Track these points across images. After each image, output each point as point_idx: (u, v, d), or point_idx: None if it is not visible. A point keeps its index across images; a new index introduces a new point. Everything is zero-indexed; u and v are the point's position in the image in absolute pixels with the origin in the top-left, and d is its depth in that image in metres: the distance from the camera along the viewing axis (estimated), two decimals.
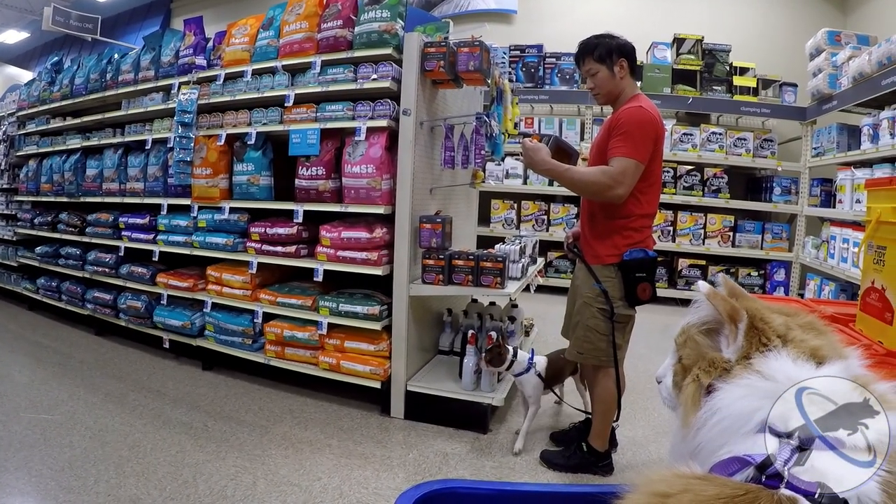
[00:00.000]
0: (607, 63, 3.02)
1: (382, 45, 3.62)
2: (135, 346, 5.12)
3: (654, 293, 2.97)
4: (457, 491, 1.25)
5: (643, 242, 2.99)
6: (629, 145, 2.81)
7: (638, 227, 2.98)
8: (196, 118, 4.45)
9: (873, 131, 5.90)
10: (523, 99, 8.25)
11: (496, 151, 4.11)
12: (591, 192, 2.97)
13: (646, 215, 3.00)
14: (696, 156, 7.94)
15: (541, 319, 5.54)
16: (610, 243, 3.01)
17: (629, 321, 3.08)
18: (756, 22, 8.89)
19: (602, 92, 3.09)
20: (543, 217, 8.50)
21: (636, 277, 2.93)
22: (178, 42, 4.85)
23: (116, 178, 5.27)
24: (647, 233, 3.03)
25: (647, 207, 2.99)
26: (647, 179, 2.94)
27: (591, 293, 3.03)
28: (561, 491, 1.29)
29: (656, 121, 2.89)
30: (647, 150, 2.85)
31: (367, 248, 3.68)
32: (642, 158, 2.83)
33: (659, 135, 2.91)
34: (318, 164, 3.87)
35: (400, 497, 1.19)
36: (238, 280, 4.30)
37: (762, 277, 7.97)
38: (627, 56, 3.02)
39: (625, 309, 3.00)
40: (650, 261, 2.97)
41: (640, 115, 2.85)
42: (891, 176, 2.79)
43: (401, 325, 3.68)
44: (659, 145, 2.94)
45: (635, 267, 2.93)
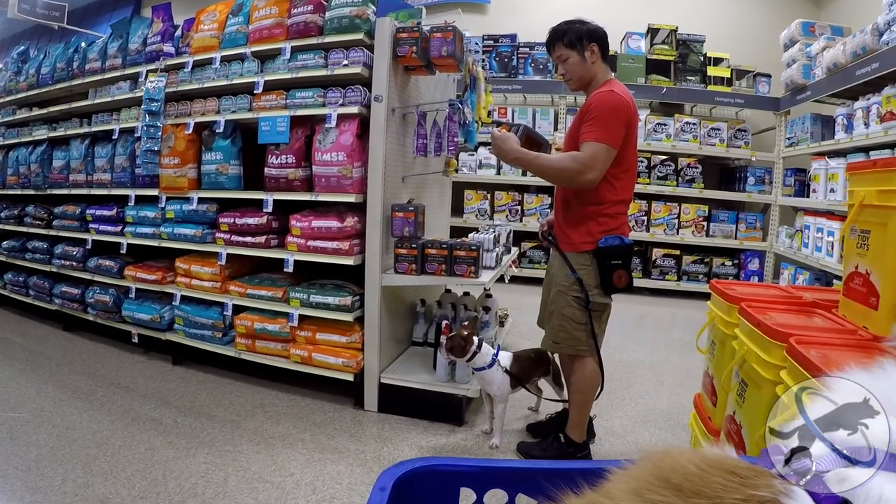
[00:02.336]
0: (577, 48, 2.97)
1: (354, 30, 3.55)
2: (104, 341, 5.01)
3: (630, 281, 2.93)
4: (438, 469, 1.23)
5: (619, 229, 2.94)
6: (599, 129, 2.77)
7: (612, 214, 2.93)
8: (164, 106, 4.34)
9: (847, 121, 5.93)
10: (497, 89, 8.20)
11: (469, 139, 4.05)
12: (561, 179, 2.94)
13: (620, 201, 2.96)
14: (670, 146, 7.97)
15: (515, 310, 5.51)
16: (584, 230, 2.95)
17: (605, 309, 3.04)
18: (730, 13, 8.94)
19: (573, 77, 3.04)
20: (517, 207, 8.49)
21: (611, 265, 2.89)
22: (145, 29, 4.73)
23: (83, 170, 5.14)
24: (623, 219, 2.99)
25: (622, 193, 2.95)
26: (621, 165, 2.89)
27: (566, 281, 2.98)
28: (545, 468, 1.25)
29: (628, 105, 2.84)
30: (619, 135, 2.80)
31: (339, 237, 3.62)
32: (613, 143, 2.79)
33: (631, 119, 2.86)
34: (288, 152, 3.79)
35: (381, 475, 1.17)
36: (207, 272, 4.21)
37: (736, 267, 8.02)
38: (598, 41, 2.98)
39: (600, 297, 2.95)
40: (626, 248, 2.92)
41: (611, 100, 2.81)
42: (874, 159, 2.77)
43: (373, 316, 3.62)
44: (632, 130, 2.88)
45: (611, 254, 2.89)
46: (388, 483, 1.16)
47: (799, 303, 2.44)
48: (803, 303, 2.43)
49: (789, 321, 2.10)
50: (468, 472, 1.23)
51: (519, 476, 1.23)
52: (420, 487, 1.23)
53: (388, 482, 1.16)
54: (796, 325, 1.99)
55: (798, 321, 2.14)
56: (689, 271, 8.03)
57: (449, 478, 1.23)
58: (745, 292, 2.61)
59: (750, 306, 2.22)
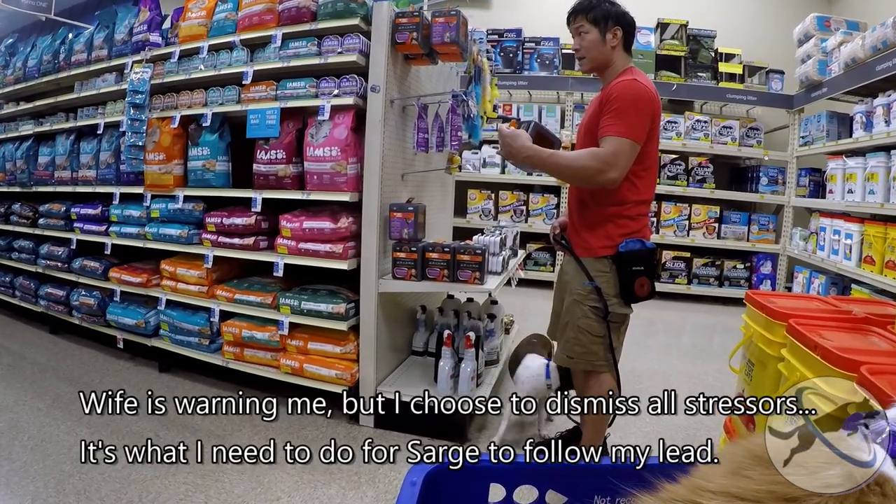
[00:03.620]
0: (601, 27, 2.69)
1: (349, 15, 3.30)
2: (90, 345, 4.81)
3: (652, 289, 2.65)
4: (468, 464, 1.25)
5: (640, 232, 2.68)
6: (623, 123, 2.49)
7: (633, 215, 2.67)
8: (149, 99, 4.11)
9: (867, 118, 5.71)
10: (502, 84, 7.97)
11: (474, 135, 3.82)
12: (580, 179, 2.65)
13: (642, 202, 2.70)
14: (681, 144, 7.73)
15: (520, 314, 5.29)
16: (603, 233, 2.68)
17: (625, 321, 2.76)
18: (742, 7, 8.70)
19: (588, 56, 2.75)
20: (522, 207, 8.27)
21: (633, 271, 2.60)
22: (132, 19, 4.50)
23: (68, 166, 4.92)
24: (644, 221, 2.72)
25: (644, 193, 2.68)
26: (643, 162, 2.62)
27: (583, 290, 2.70)
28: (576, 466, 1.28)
29: (653, 96, 2.57)
30: (643, 129, 2.53)
31: (332, 239, 3.37)
32: (637, 137, 2.51)
33: (656, 112, 2.59)
34: (278, 146, 3.55)
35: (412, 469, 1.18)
36: (193, 275, 3.97)
37: (748, 270, 7.80)
38: (624, 27, 2.71)
39: (620, 307, 2.66)
40: (648, 252, 2.64)
41: (635, 89, 2.53)
42: None
43: (369, 325, 3.37)
44: (656, 123, 2.62)
45: (632, 260, 2.60)
46: (419, 477, 1.17)
47: (850, 319, 2.19)
48: (855, 319, 2.18)
49: (852, 344, 1.85)
50: (498, 468, 1.26)
51: (550, 473, 1.26)
52: (450, 482, 1.25)
53: (419, 476, 1.17)
54: (862, 350, 1.73)
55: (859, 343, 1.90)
56: (699, 274, 7.80)
57: (478, 474, 1.25)
58: (789, 306, 2.35)
59: (800, 324, 1.96)
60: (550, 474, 1.26)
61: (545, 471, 1.26)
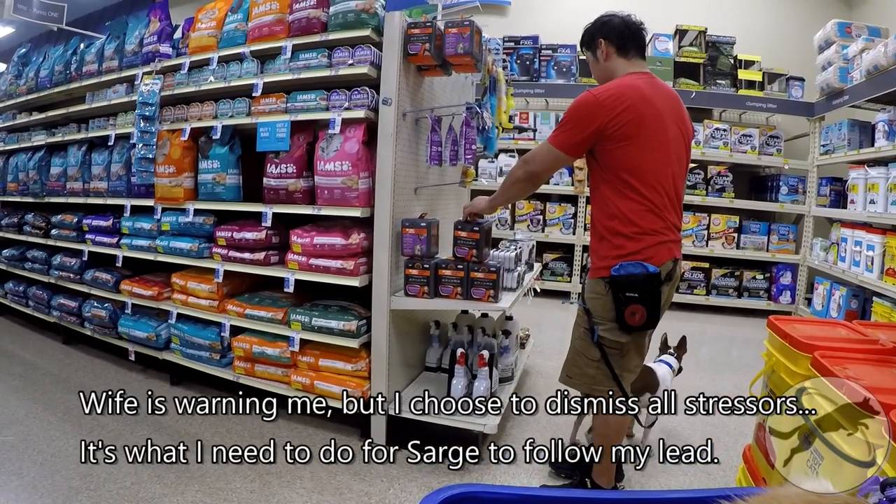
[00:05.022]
0: (591, 49, 2.74)
1: (360, 26, 3.23)
2: (102, 356, 4.78)
3: (650, 318, 2.45)
4: (478, 496, 1.23)
5: (641, 254, 2.47)
6: (555, 129, 2.59)
7: (631, 235, 2.48)
8: (159, 111, 4.07)
9: (889, 127, 5.60)
10: (518, 93, 7.89)
11: (489, 147, 3.74)
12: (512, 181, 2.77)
13: (642, 219, 2.49)
14: (700, 153, 7.60)
15: (537, 326, 5.19)
16: (601, 253, 2.57)
17: (622, 348, 2.58)
18: (761, 13, 8.57)
19: (598, 81, 2.72)
20: (539, 217, 8.17)
21: (626, 297, 2.43)
22: (143, 29, 4.46)
23: (80, 177, 4.90)
24: (649, 241, 2.48)
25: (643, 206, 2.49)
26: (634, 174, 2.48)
27: (580, 310, 2.65)
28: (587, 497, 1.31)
29: (597, 103, 2.44)
30: (573, 135, 2.50)
31: (343, 255, 3.30)
32: (558, 144, 2.54)
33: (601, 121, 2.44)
34: (289, 160, 3.48)
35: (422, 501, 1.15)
36: (204, 289, 3.92)
37: (767, 281, 7.68)
38: (607, 35, 2.68)
39: (612, 333, 2.53)
40: (645, 278, 2.42)
41: (577, 101, 2.52)
42: None
43: (381, 343, 3.29)
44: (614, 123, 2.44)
45: (625, 284, 2.43)
46: None
47: (878, 351, 2.08)
48: (883, 351, 2.07)
49: (880, 382, 1.74)
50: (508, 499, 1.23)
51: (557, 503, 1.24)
52: None
53: None
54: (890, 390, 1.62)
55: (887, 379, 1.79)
56: (718, 285, 7.69)
57: None
58: (813, 335, 2.24)
59: (825, 356, 1.87)
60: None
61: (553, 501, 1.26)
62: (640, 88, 2.50)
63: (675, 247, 2.59)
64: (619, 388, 2.59)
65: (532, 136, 8.09)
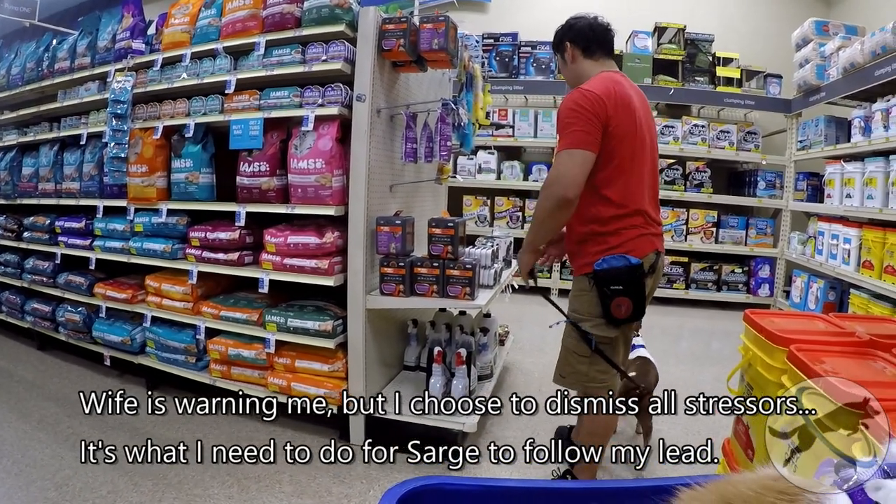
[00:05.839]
0: (560, 51, 2.75)
1: (334, 21, 3.18)
2: (78, 361, 4.68)
3: (636, 309, 2.49)
4: (443, 488, 1.24)
5: (622, 247, 2.51)
6: (562, 138, 2.44)
7: (612, 231, 2.52)
8: (131, 109, 3.97)
9: (865, 123, 5.65)
10: (497, 90, 7.89)
11: (465, 143, 3.71)
12: (548, 212, 2.50)
13: (622, 215, 2.53)
14: (678, 149, 7.67)
15: (517, 323, 5.17)
16: (584, 251, 2.59)
17: (612, 342, 2.61)
18: (740, 11, 8.63)
19: (568, 82, 2.74)
20: (518, 213, 8.18)
21: (611, 290, 2.46)
22: (115, 25, 4.36)
23: (52, 178, 4.78)
24: (629, 234, 2.53)
25: (621, 204, 2.52)
26: (610, 165, 2.49)
27: (569, 308, 2.65)
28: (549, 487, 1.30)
29: (594, 98, 2.42)
30: (586, 133, 2.40)
31: (317, 254, 3.25)
32: (577, 144, 2.40)
33: (604, 112, 2.42)
34: (262, 158, 3.43)
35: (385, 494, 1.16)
36: (178, 291, 3.85)
37: (746, 274, 7.78)
38: (573, 38, 2.68)
39: (599, 328, 2.54)
40: (629, 269, 2.46)
41: (572, 99, 2.45)
42: None
43: (357, 343, 3.25)
44: (615, 122, 2.45)
45: (609, 278, 2.47)
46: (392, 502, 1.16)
47: (855, 343, 2.07)
48: (859, 343, 2.06)
49: (857, 374, 1.74)
50: (472, 491, 1.25)
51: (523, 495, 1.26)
52: None
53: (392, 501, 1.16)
54: (867, 383, 1.62)
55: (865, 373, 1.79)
56: (697, 279, 7.75)
57: (453, 497, 1.25)
58: (790, 328, 2.23)
59: (801, 350, 1.86)
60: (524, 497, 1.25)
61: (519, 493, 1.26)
62: (622, 85, 2.53)
63: (656, 239, 2.62)
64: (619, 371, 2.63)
65: (511, 132, 8.09)
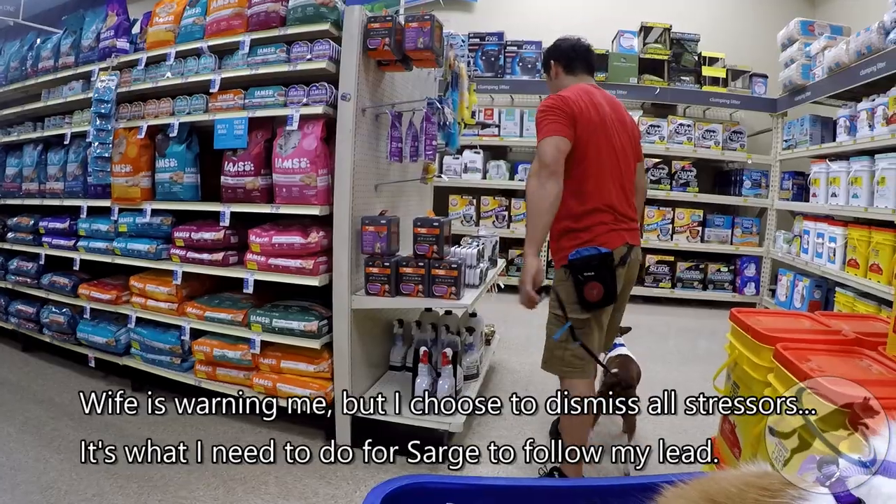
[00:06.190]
0: (546, 69, 3.10)
1: (319, 20, 3.17)
2: (62, 363, 4.63)
3: (607, 293, 2.67)
4: (426, 486, 1.25)
5: (593, 241, 2.74)
6: (539, 134, 2.69)
7: (584, 227, 2.76)
8: (115, 108, 3.95)
9: (850, 123, 5.69)
10: (483, 89, 7.89)
11: (451, 143, 3.70)
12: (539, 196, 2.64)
13: (591, 211, 2.76)
14: (664, 148, 7.69)
15: (503, 322, 5.16)
16: (561, 246, 2.83)
17: (584, 325, 2.77)
18: (725, 11, 8.67)
19: None
20: (504, 213, 8.17)
21: (584, 277, 2.67)
22: (100, 24, 4.33)
23: (36, 178, 4.74)
24: (600, 230, 2.76)
25: (590, 201, 2.76)
26: (582, 164, 2.74)
27: (551, 298, 2.84)
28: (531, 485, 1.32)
29: (564, 99, 2.70)
30: (558, 122, 2.65)
31: (302, 254, 3.24)
32: (552, 132, 2.64)
33: (571, 110, 2.67)
34: (246, 158, 3.41)
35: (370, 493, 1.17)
36: (163, 292, 3.82)
37: (732, 273, 7.81)
38: (557, 57, 3.02)
39: (576, 312, 2.72)
40: (599, 257, 2.68)
41: (543, 104, 2.74)
42: None
43: (343, 343, 3.23)
44: (583, 123, 2.69)
45: (582, 266, 2.68)
46: (377, 500, 1.17)
47: (841, 342, 2.09)
48: (845, 341, 2.08)
49: (845, 373, 1.75)
50: (456, 488, 1.26)
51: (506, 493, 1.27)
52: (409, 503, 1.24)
53: (377, 499, 1.17)
54: (855, 381, 1.63)
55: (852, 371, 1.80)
56: (683, 278, 7.77)
57: (436, 495, 1.25)
58: (776, 327, 2.25)
59: (787, 349, 1.87)
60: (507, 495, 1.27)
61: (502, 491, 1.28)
62: (591, 93, 2.82)
63: (627, 234, 2.83)
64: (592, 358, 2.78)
65: (497, 132, 8.08)
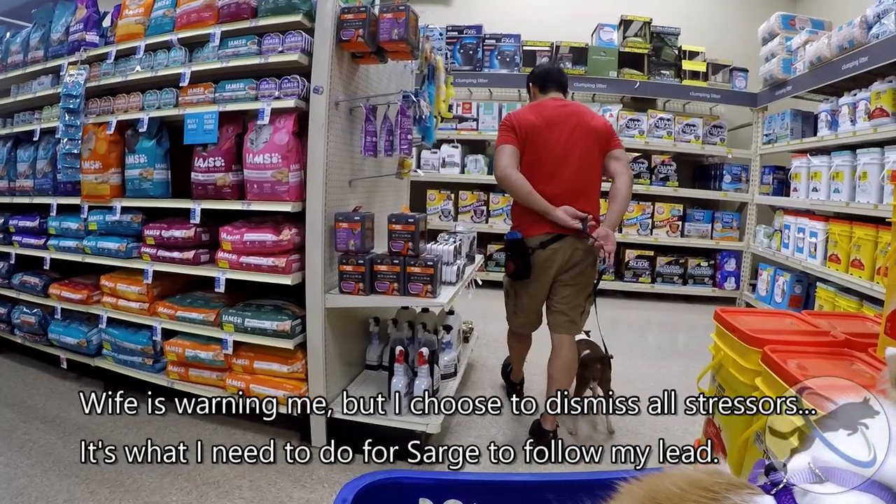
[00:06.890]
0: (528, 89, 3.69)
1: (291, 10, 3.09)
2: (35, 364, 4.51)
3: (518, 270, 3.29)
4: (399, 481, 1.29)
5: (520, 227, 3.34)
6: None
7: (516, 215, 3.43)
8: (84, 103, 3.84)
9: (832, 117, 5.69)
10: (461, 82, 7.83)
11: (427, 137, 3.64)
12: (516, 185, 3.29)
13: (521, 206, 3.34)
14: (644, 142, 7.67)
15: (482, 319, 5.13)
16: None
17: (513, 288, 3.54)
18: (706, 5, 8.68)
19: None
20: (482, 208, 8.11)
21: (507, 255, 3.36)
22: (69, 17, 4.21)
23: (5, 175, 4.61)
24: (524, 220, 3.34)
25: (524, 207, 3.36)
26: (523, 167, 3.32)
27: None
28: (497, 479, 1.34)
29: (509, 116, 3.37)
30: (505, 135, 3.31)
31: (274, 252, 3.17)
32: (501, 141, 3.32)
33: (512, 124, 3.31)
34: (217, 153, 3.32)
35: (343, 488, 1.20)
36: (134, 291, 3.73)
37: (712, 268, 7.80)
38: (535, 80, 3.60)
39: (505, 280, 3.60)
40: (514, 242, 3.29)
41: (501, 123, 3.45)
42: None
43: (317, 343, 3.16)
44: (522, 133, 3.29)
45: (506, 246, 3.36)
46: (350, 495, 1.19)
47: (829, 344, 2.05)
48: (834, 343, 2.03)
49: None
50: (427, 483, 1.30)
51: (475, 488, 1.31)
52: (381, 499, 1.28)
53: (350, 495, 1.19)
54: None
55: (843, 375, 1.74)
56: (663, 273, 7.77)
57: (409, 490, 1.29)
58: (762, 328, 2.20)
59: (775, 351, 1.82)
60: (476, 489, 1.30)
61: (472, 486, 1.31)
62: (544, 107, 3.38)
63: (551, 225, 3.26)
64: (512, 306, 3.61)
65: (475, 125, 8.01)
